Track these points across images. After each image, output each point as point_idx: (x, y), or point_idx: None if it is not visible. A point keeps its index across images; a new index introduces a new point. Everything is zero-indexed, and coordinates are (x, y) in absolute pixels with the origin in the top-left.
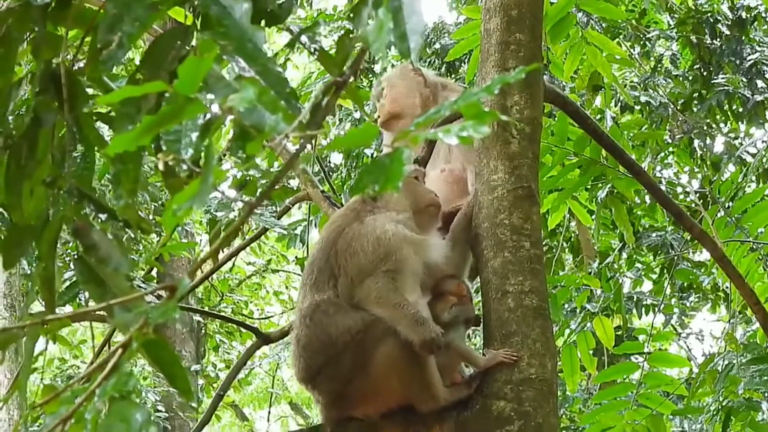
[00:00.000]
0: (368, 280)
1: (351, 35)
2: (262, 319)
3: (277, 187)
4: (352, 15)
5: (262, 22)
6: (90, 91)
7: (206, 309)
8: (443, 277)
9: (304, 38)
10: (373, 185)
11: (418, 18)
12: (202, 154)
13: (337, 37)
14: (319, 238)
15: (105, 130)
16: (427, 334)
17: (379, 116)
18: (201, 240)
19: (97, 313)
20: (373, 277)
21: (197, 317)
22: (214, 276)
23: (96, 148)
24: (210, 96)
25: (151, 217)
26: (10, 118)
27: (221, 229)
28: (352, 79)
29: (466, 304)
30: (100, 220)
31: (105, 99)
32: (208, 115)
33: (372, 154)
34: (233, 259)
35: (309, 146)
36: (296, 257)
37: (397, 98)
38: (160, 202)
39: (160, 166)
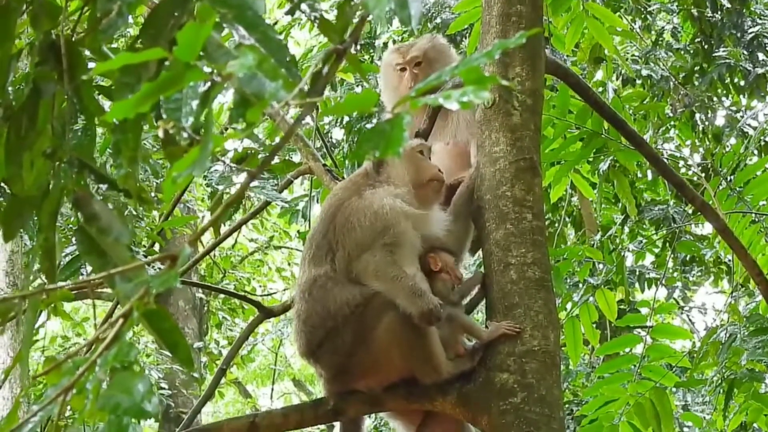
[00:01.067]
0: (366, 254)
1: (352, 2)
2: (265, 295)
3: (278, 160)
4: None
5: None
6: (90, 63)
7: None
8: (435, 251)
9: (304, 6)
10: (374, 151)
11: None
12: (203, 122)
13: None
14: (319, 212)
15: (106, 104)
16: (425, 306)
17: (403, 64)
18: (202, 216)
19: (98, 289)
20: (371, 251)
21: (200, 294)
22: (216, 253)
23: (96, 119)
24: (209, 63)
25: (153, 194)
26: (10, 89)
27: (222, 199)
28: (353, 47)
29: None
30: (100, 191)
31: (104, 66)
32: (208, 83)
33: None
34: (236, 234)
35: (309, 117)
36: (298, 232)
37: (436, 70)
38: (161, 179)
39: (161, 134)
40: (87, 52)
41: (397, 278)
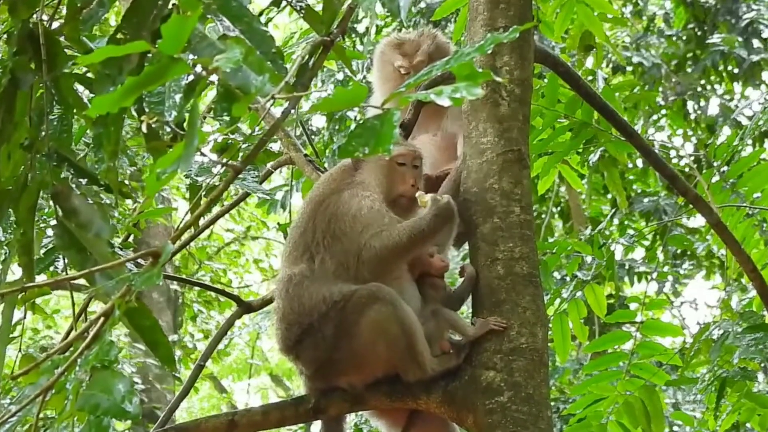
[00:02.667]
0: (363, 253)
1: None
2: (242, 288)
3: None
4: None
5: None
6: (68, 51)
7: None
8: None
9: None
10: (363, 148)
11: None
12: (186, 116)
13: None
14: (300, 208)
15: (86, 94)
16: (444, 211)
17: (408, 69)
18: (178, 206)
19: (76, 281)
20: (366, 248)
21: (174, 286)
22: (192, 243)
23: (75, 110)
24: (194, 56)
25: (126, 182)
26: None
27: (202, 194)
28: (339, 38)
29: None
30: (80, 184)
31: (86, 59)
32: (192, 76)
33: (356, 117)
34: (212, 225)
35: (293, 109)
36: (278, 224)
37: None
38: (136, 167)
39: (143, 129)
40: (65, 41)
41: (410, 234)
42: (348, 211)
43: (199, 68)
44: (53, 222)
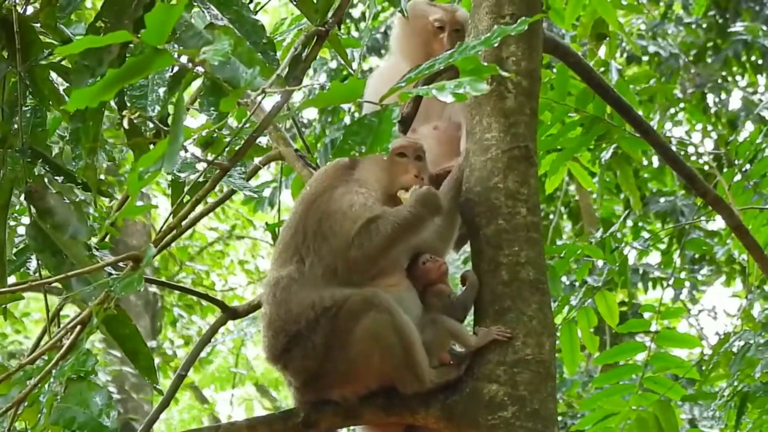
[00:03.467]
0: (352, 252)
1: None
2: (226, 291)
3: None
4: None
5: None
6: (44, 39)
7: (164, 279)
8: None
9: None
10: (359, 147)
11: None
12: (170, 110)
13: None
14: (293, 207)
15: (60, 82)
16: (430, 201)
17: (444, 24)
18: (157, 202)
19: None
20: (354, 246)
21: (153, 288)
22: (173, 243)
23: (51, 103)
24: (179, 47)
25: (102, 176)
26: None
27: (185, 192)
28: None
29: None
30: (56, 182)
31: (64, 50)
32: (177, 68)
33: (350, 109)
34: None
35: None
36: (265, 223)
37: None
38: (114, 162)
39: (125, 124)
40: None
41: (395, 225)
42: (339, 208)
43: (184, 59)
44: (25, 219)
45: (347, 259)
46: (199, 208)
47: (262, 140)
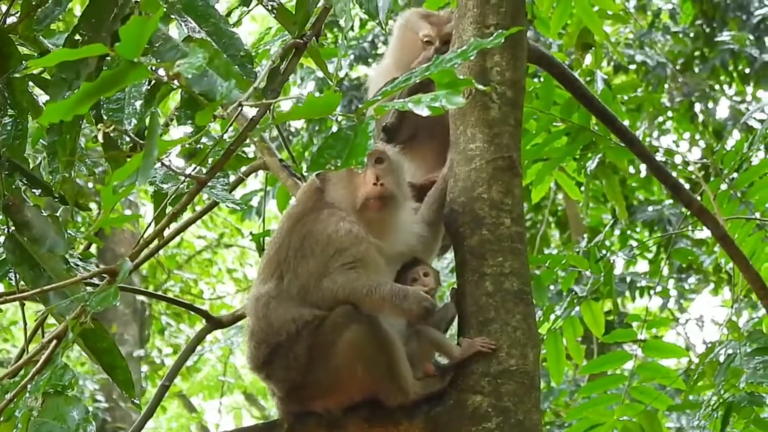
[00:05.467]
0: (325, 281)
1: None
2: (214, 299)
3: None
4: None
5: None
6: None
7: (151, 288)
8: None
9: None
10: (335, 161)
11: None
12: (147, 123)
13: None
14: (279, 223)
15: (39, 93)
16: (415, 305)
17: (434, 39)
18: (145, 211)
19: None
20: (329, 276)
21: (141, 297)
22: (160, 251)
23: (30, 114)
24: (156, 60)
25: (90, 185)
26: None
27: (168, 203)
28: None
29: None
30: (34, 194)
31: (39, 62)
32: (154, 81)
33: (337, 118)
34: (181, 233)
35: (267, 112)
36: (251, 233)
37: None
38: (101, 169)
39: (100, 138)
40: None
41: (371, 290)
42: (324, 230)
43: (161, 72)
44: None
45: (319, 285)
46: (186, 216)
47: (248, 150)
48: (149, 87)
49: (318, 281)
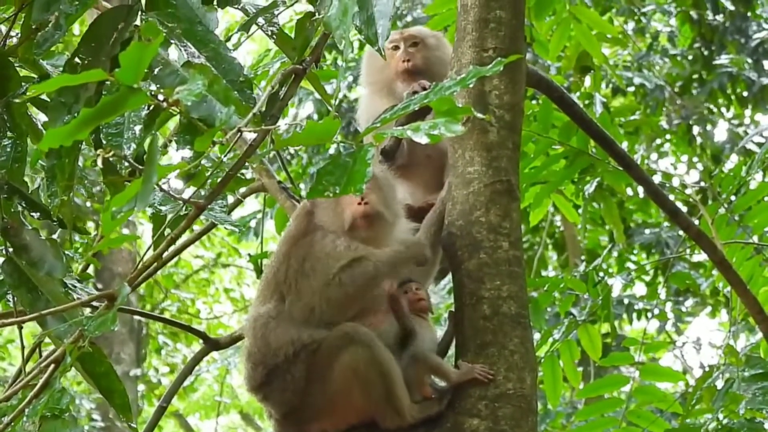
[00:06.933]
0: (330, 291)
1: (312, 17)
2: (211, 319)
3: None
4: None
5: (214, 2)
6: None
7: (148, 308)
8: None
9: (261, 20)
10: (333, 188)
11: None
12: (146, 148)
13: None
14: (276, 246)
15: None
16: (419, 250)
17: (405, 62)
18: (143, 230)
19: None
20: (334, 285)
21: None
22: (155, 273)
23: (28, 137)
24: (155, 85)
25: (88, 204)
26: None
27: (165, 226)
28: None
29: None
30: (32, 217)
31: (39, 88)
32: (153, 106)
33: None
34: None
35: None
36: (249, 254)
37: (430, 58)
38: (98, 188)
39: (99, 163)
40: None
41: (377, 266)
42: (322, 250)
43: (161, 97)
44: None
45: (328, 298)
46: (184, 236)
47: (246, 172)
48: (148, 111)
49: (324, 294)
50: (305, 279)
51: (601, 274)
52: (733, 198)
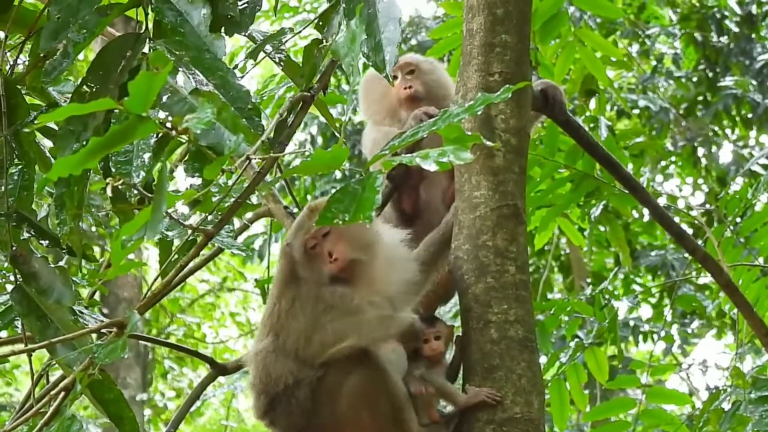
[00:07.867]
0: (315, 336)
1: (320, 45)
2: (217, 343)
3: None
4: (321, 23)
5: (222, 30)
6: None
7: (154, 332)
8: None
9: (268, 47)
10: (343, 215)
11: (394, 26)
12: (155, 175)
13: (304, 35)
14: (271, 286)
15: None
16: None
17: (407, 89)
18: (148, 255)
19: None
20: (320, 332)
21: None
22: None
23: (36, 165)
24: (164, 113)
25: (93, 228)
26: None
27: (174, 253)
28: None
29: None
30: (41, 245)
31: (47, 117)
32: (162, 134)
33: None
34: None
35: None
36: (255, 279)
37: (429, 83)
38: (104, 212)
39: (108, 191)
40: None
41: (361, 321)
42: (308, 293)
43: (170, 124)
44: (10, 275)
45: (310, 342)
46: (191, 263)
47: (252, 197)
48: (157, 139)
49: (309, 338)
50: (294, 319)
51: (608, 296)
52: (738, 220)
